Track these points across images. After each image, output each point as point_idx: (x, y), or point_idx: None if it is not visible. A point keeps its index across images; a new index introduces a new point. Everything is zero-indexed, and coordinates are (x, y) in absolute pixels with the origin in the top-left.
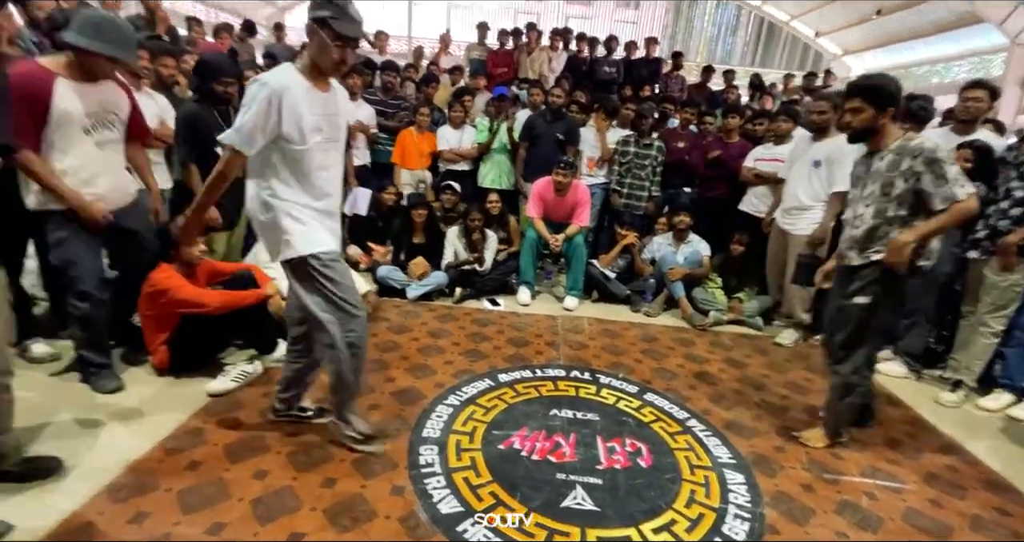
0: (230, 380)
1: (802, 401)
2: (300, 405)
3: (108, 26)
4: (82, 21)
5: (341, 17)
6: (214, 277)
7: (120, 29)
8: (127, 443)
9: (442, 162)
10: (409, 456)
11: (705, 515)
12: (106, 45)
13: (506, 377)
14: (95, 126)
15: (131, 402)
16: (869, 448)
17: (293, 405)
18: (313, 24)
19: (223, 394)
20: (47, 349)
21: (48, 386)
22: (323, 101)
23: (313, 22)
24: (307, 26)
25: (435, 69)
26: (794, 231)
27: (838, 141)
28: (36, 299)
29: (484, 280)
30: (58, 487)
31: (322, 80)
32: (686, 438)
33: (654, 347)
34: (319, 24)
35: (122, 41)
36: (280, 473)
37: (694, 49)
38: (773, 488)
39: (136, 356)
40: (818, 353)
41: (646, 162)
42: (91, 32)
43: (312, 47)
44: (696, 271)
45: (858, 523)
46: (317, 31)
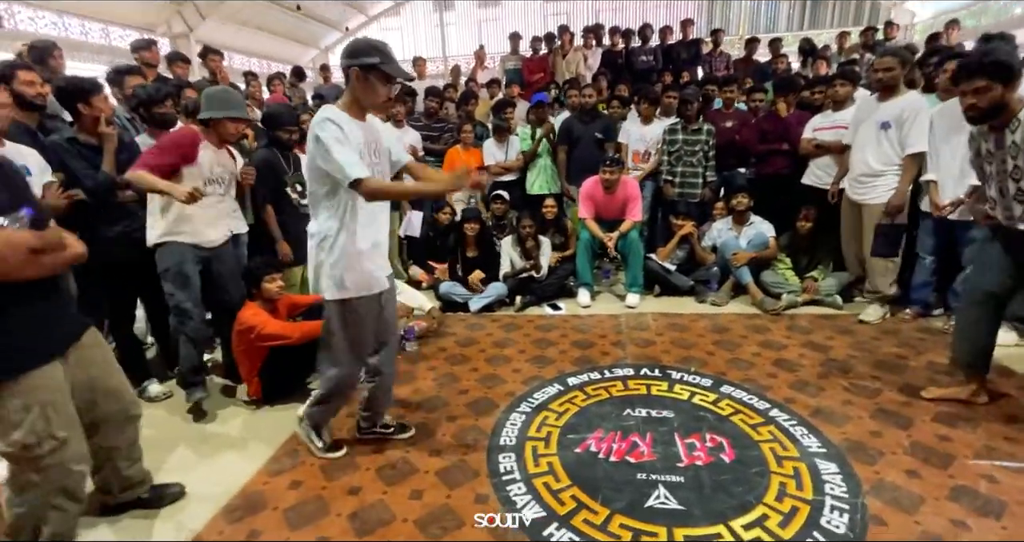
0: None
1: (897, 381)
2: (383, 422)
3: (229, 95)
4: (208, 98)
5: (388, 61)
6: (294, 309)
7: (236, 95)
8: (236, 468)
9: (490, 176)
10: (488, 464)
11: (799, 508)
12: (235, 110)
13: (575, 380)
14: (209, 181)
15: (235, 431)
16: (981, 426)
17: (376, 422)
18: (359, 71)
19: None
20: (161, 389)
21: (164, 423)
22: (365, 129)
23: (360, 69)
24: (352, 72)
25: (473, 86)
26: (867, 200)
27: (908, 98)
28: (147, 344)
29: (543, 286)
30: (183, 511)
31: (361, 115)
32: (770, 429)
33: (726, 337)
34: (367, 70)
35: (240, 104)
36: (371, 488)
37: (735, 22)
38: (873, 476)
39: (235, 390)
40: (909, 328)
41: (696, 148)
42: (218, 105)
43: (359, 90)
44: (762, 254)
45: (978, 510)
46: (364, 76)
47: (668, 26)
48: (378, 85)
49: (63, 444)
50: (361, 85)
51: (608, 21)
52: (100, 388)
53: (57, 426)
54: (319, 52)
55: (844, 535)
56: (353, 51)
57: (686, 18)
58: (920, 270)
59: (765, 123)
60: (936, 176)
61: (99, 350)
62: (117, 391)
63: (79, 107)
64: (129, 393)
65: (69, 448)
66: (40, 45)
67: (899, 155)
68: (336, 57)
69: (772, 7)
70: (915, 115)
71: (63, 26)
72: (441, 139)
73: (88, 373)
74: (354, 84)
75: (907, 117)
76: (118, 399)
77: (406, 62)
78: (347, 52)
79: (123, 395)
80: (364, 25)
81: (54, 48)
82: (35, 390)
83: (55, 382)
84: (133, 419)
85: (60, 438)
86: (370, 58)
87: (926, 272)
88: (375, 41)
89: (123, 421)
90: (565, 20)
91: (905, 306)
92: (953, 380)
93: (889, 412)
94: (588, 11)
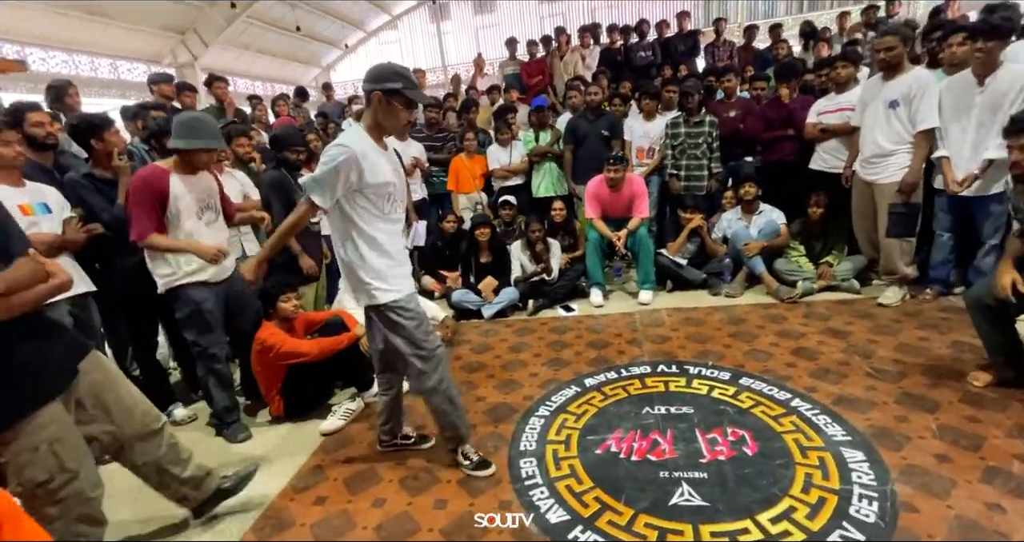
0: (338, 418)
1: (920, 363)
2: (402, 433)
3: (199, 124)
4: (177, 126)
5: (411, 86)
6: (310, 327)
7: (208, 123)
8: (262, 486)
9: (495, 180)
10: (510, 470)
11: (827, 499)
12: (202, 140)
13: (592, 381)
14: (202, 210)
15: (259, 450)
16: (1011, 406)
17: (396, 434)
18: (382, 94)
19: (335, 432)
20: (186, 412)
21: (191, 444)
22: (387, 157)
23: (383, 93)
24: (374, 96)
25: (473, 93)
26: (880, 180)
27: (915, 75)
28: (170, 369)
29: (554, 288)
30: (213, 528)
31: (381, 140)
32: (792, 419)
33: (742, 329)
34: (390, 94)
35: (212, 133)
36: (395, 499)
37: (733, 10)
38: (901, 462)
39: (256, 408)
40: (931, 308)
41: (700, 140)
42: (188, 133)
43: (380, 113)
44: (774, 242)
45: (1013, 491)
46: (386, 101)
47: (664, 20)
48: (400, 110)
49: (76, 475)
50: (383, 109)
51: (605, 19)
52: (114, 410)
53: (67, 459)
54: (321, 70)
55: (874, 524)
56: (376, 76)
57: (681, 10)
58: (938, 248)
59: (769, 110)
60: (948, 152)
61: (101, 373)
62: (129, 409)
63: (92, 143)
64: (144, 407)
65: (82, 477)
66: (56, 85)
67: (910, 133)
68: (337, 75)
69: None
70: (923, 91)
71: (74, 64)
72: (444, 148)
73: (99, 399)
74: (375, 107)
75: (915, 94)
76: (132, 416)
77: None
78: (370, 76)
79: (135, 411)
80: (363, 41)
81: (69, 86)
82: (39, 429)
83: (58, 417)
84: (157, 433)
85: (72, 470)
86: (393, 83)
87: (944, 249)
88: (398, 67)
89: (148, 436)
90: (562, 21)
91: (924, 286)
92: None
93: (914, 396)
94: (584, 11)
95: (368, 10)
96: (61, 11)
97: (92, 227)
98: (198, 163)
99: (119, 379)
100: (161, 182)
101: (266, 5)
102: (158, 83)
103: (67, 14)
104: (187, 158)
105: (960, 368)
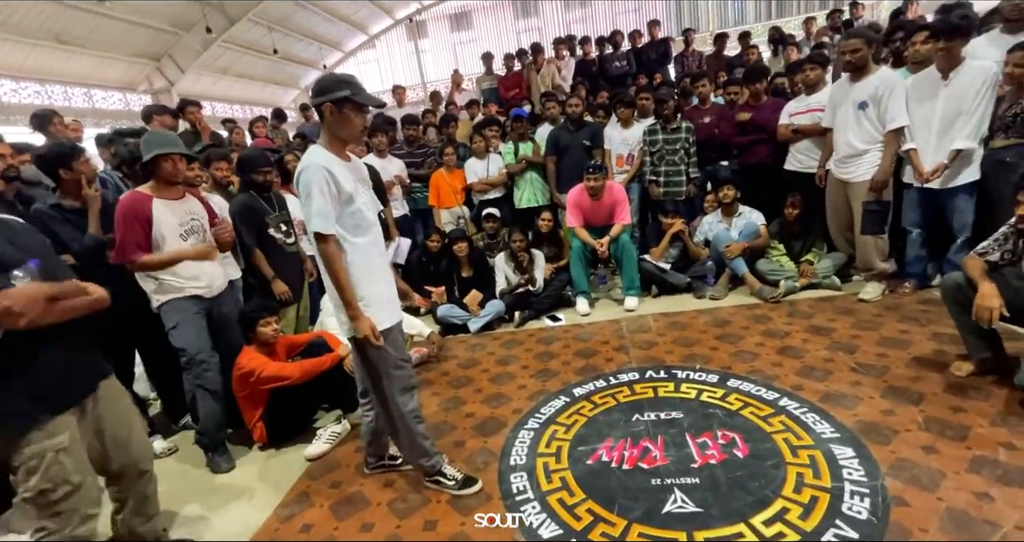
0: (324, 442)
1: (903, 356)
2: (389, 454)
3: (156, 136)
4: (143, 144)
5: (359, 91)
6: (292, 350)
7: (165, 134)
8: (246, 516)
9: (475, 194)
10: (501, 486)
11: (819, 498)
12: (167, 147)
13: (580, 391)
14: (187, 233)
15: (243, 480)
16: (993, 394)
17: (383, 455)
18: (332, 105)
19: (320, 456)
20: (166, 444)
21: (173, 476)
22: (350, 168)
23: (333, 104)
24: (325, 109)
25: (452, 108)
26: (854, 179)
27: (881, 76)
28: (149, 401)
29: (540, 299)
30: None
31: (343, 152)
32: (781, 419)
33: (728, 331)
34: (339, 103)
35: (171, 141)
36: (384, 523)
37: (704, 19)
38: (890, 456)
39: (238, 437)
40: (910, 301)
41: (677, 146)
42: (153, 145)
43: (334, 124)
44: (755, 243)
45: (1000, 479)
46: (337, 110)
47: (637, 30)
48: (352, 116)
49: (77, 489)
50: (336, 119)
51: (580, 31)
52: (110, 440)
53: (71, 471)
54: (300, 92)
55: (867, 520)
56: (322, 88)
57: (652, 19)
58: (910, 244)
59: (741, 112)
60: (915, 144)
61: (113, 403)
62: (125, 441)
63: (61, 172)
64: (139, 446)
65: (83, 492)
66: (41, 114)
67: (880, 132)
68: None
69: (739, 0)
70: (890, 91)
71: (46, 94)
72: (425, 164)
73: (100, 425)
74: (329, 120)
75: (883, 94)
76: (127, 452)
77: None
78: (316, 90)
79: (130, 447)
80: (341, 61)
81: (54, 115)
82: (49, 436)
83: (69, 428)
84: (143, 474)
85: (74, 483)
86: (340, 92)
87: (916, 245)
88: (341, 75)
89: (135, 475)
90: (538, 36)
91: (903, 280)
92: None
93: (899, 389)
94: (560, 24)
95: (345, 31)
96: (31, 41)
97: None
98: (167, 176)
99: (129, 412)
100: (144, 206)
101: (242, 29)
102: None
103: (38, 44)
104: (161, 174)
105: (942, 359)
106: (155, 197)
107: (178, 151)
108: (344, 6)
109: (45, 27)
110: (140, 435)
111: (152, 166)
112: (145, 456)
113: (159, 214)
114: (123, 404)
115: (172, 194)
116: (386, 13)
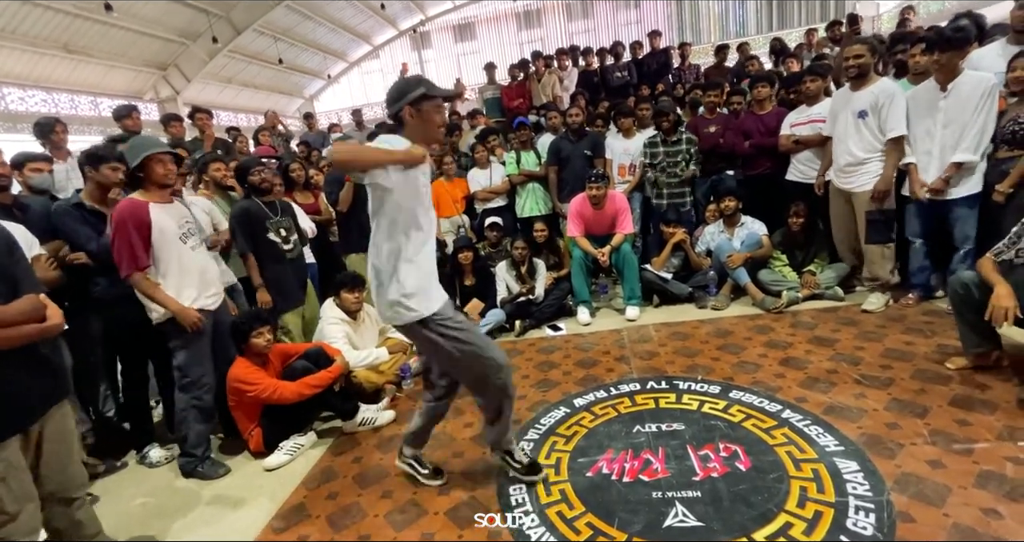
0: (284, 454)
1: (908, 368)
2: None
3: (140, 140)
4: (129, 150)
5: (432, 86)
6: (287, 359)
7: (147, 138)
8: (243, 529)
9: (478, 203)
10: (500, 499)
11: (823, 513)
12: (152, 149)
13: (581, 401)
14: (185, 235)
15: (238, 491)
16: (1000, 408)
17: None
18: (410, 107)
19: (279, 467)
20: (162, 453)
21: (167, 489)
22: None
23: (411, 105)
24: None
25: (455, 118)
26: (856, 189)
27: (880, 85)
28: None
29: (541, 308)
30: None
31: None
32: (783, 431)
33: (730, 341)
34: (417, 103)
35: (156, 142)
36: (381, 535)
37: (705, 31)
38: (895, 470)
39: (232, 446)
40: (914, 313)
41: (678, 158)
42: (135, 151)
43: (416, 128)
44: (757, 253)
45: (1008, 495)
46: (416, 110)
47: (638, 41)
48: (432, 113)
49: (13, 518)
50: (417, 121)
51: (583, 42)
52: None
53: (6, 501)
54: (304, 101)
55: (872, 536)
56: (397, 93)
57: (652, 30)
58: (913, 254)
59: (747, 122)
60: (915, 158)
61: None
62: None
63: (86, 171)
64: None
65: (20, 522)
66: (43, 121)
67: (880, 142)
68: (321, 104)
69: (740, 11)
70: (890, 100)
71: (53, 102)
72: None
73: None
74: (410, 124)
75: (883, 103)
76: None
77: None
78: (391, 98)
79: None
80: (345, 71)
81: (56, 124)
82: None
83: (12, 455)
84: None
85: (10, 513)
86: (415, 91)
87: (919, 256)
88: (410, 76)
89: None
90: (540, 46)
91: (906, 291)
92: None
93: (904, 402)
94: (562, 34)
95: (350, 41)
96: (39, 50)
97: (75, 257)
98: (157, 178)
99: (71, 438)
100: (142, 213)
101: (248, 39)
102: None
103: (45, 53)
104: (153, 178)
105: (947, 372)
106: (150, 202)
107: (165, 150)
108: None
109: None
110: (77, 461)
111: (143, 170)
112: (77, 483)
113: (158, 219)
114: (67, 427)
115: (165, 198)
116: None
